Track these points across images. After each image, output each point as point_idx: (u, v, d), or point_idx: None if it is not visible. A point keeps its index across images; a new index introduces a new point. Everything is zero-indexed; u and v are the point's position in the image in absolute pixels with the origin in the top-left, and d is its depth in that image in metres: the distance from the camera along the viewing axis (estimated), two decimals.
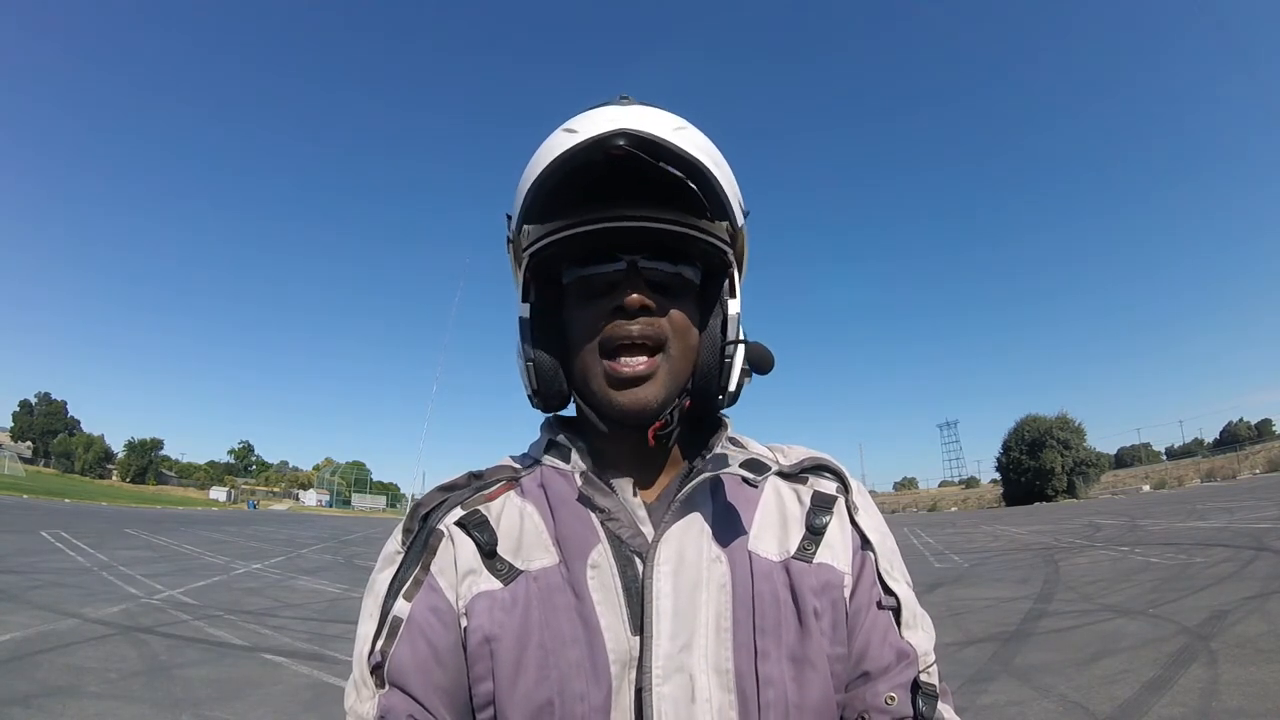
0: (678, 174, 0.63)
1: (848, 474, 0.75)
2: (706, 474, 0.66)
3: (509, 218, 0.72)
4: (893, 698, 0.64)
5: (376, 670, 0.61)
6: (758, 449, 0.75)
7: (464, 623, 0.62)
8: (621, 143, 0.60)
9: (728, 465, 0.67)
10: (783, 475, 0.73)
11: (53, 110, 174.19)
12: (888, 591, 0.68)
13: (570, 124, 0.64)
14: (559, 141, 0.64)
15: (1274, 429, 63.87)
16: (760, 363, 0.71)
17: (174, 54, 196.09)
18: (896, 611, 0.67)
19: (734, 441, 0.75)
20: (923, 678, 0.65)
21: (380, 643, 0.62)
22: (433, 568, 0.64)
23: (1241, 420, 79.46)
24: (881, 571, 0.68)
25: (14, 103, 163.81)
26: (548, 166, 0.63)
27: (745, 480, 0.67)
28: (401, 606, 0.62)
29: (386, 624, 0.62)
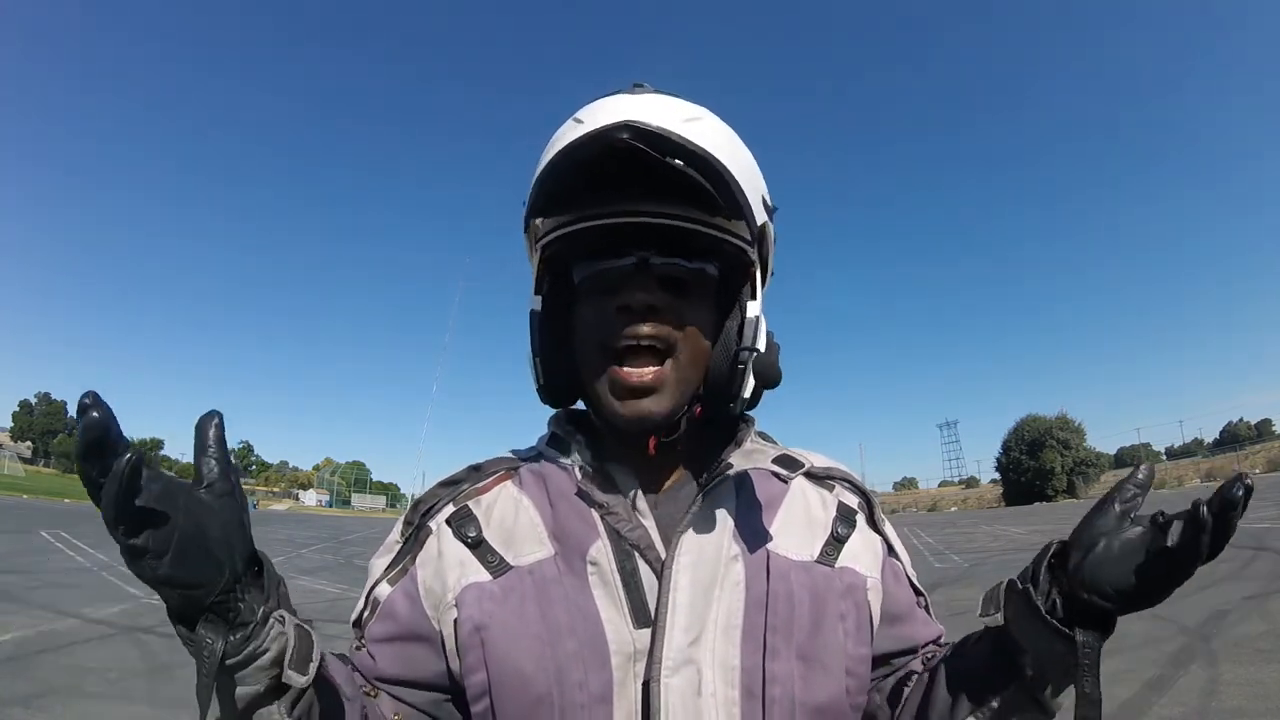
0: (688, 170, 0.58)
1: (869, 490, 0.77)
2: (734, 469, 0.65)
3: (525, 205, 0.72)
4: (941, 642, 0.74)
5: (361, 637, 0.69)
6: (782, 449, 0.75)
7: (455, 614, 0.63)
8: (625, 136, 0.57)
9: (757, 460, 0.67)
10: (811, 476, 0.73)
11: (52, 111, 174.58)
12: (918, 593, 0.75)
13: (580, 113, 0.63)
14: (566, 132, 0.62)
15: (1274, 429, 63.81)
16: (763, 374, 0.66)
17: (174, 54, 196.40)
18: (926, 609, 0.76)
19: (763, 436, 0.75)
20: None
21: (364, 614, 0.69)
22: (419, 559, 0.68)
23: (1241, 420, 79.55)
24: (910, 576, 0.75)
25: (14, 103, 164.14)
26: (554, 158, 0.61)
27: (776, 475, 0.67)
28: (383, 589, 0.68)
29: (369, 602, 0.69)
